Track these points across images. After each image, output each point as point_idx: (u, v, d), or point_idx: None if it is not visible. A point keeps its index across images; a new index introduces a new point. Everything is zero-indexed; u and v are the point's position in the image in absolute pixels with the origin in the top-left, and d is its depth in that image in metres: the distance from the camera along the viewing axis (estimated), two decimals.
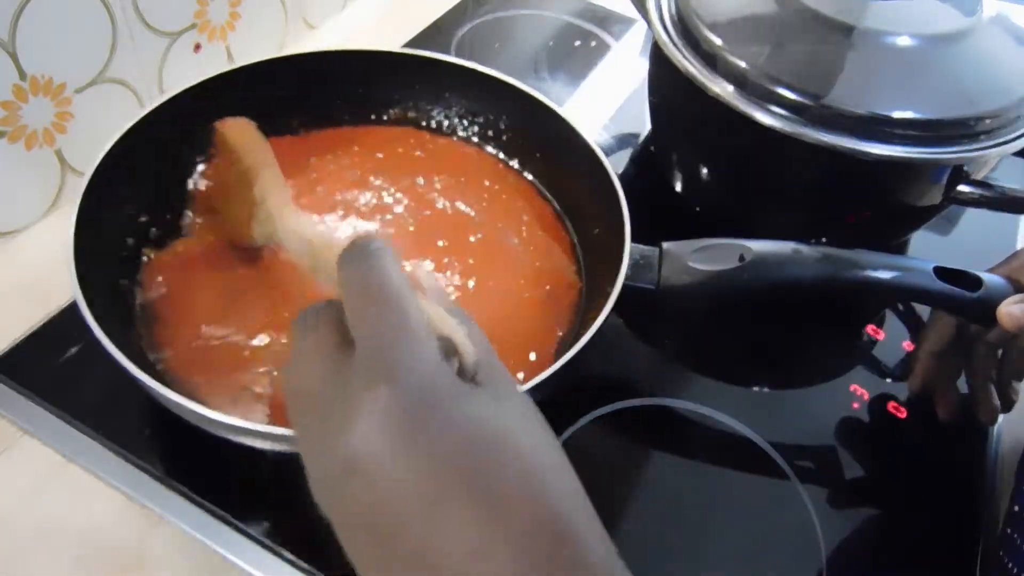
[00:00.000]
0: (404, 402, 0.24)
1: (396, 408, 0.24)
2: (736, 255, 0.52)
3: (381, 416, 0.24)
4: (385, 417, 0.24)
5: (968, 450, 0.56)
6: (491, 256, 0.55)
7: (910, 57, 0.53)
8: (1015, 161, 0.61)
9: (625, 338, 0.60)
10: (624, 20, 0.92)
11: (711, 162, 0.63)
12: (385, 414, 0.24)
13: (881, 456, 0.54)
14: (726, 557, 0.48)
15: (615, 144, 0.76)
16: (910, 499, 0.52)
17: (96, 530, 0.45)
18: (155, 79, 0.65)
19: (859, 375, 0.59)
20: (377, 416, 0.24)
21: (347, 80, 0.62)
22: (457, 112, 0.65)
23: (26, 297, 0.55)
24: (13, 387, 0.50)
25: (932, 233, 0.71)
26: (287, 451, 0.40)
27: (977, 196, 0.55)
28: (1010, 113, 0.53)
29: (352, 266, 0.27)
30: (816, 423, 0.56)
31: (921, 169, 0.53)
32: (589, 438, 0.52)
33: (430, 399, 0.25)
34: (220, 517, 0.46)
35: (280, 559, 0.45)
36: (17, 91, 0.54)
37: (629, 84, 0.83)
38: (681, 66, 0.56)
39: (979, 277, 0.52)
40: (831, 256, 0.53)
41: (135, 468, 0.47)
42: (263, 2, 0.74)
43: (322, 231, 0.38)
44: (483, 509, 0.24)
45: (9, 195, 0.58)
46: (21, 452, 0.48)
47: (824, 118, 0.52)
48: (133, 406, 0.49)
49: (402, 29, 0.84)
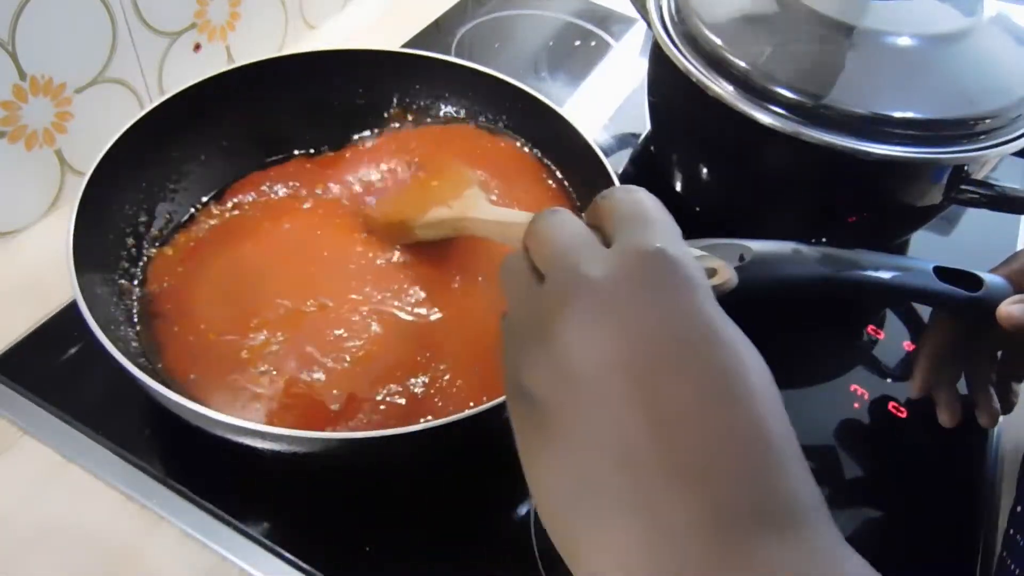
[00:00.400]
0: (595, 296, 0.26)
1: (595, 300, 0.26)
2: (736, 255, 0.51)
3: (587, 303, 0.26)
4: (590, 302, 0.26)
5: (968, 450, 0.56)
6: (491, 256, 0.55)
7: (910, 57, 0.53)
8: (1015, 161, 0.61)
9: None
10: (624, 20, 0.92)
11: (711, 162, 0.63)
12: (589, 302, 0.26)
13: (881, 456, 0.54)
14: None
15: (615, 144, 0.76)
16: (910, 499, 0.52)
17: (96, 530, 0.45)
18: (155, 79, 0.65)
19: (859, 375, 0.59)
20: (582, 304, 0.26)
21: (347, 80, 0.62)
22: (457, 111, 0.65)
23: (26, 297, 0.55)
24: (13, 387, 0.50)
25: (932, 233, 0.71)
26: (287, 451, 0.40)
27: (977, 196, 0.55)
28: (1010, 113, 0.52)
29: (540, 221, 0.30)
30: (816, 423, 0.56)
31: (921, 169, 0.53)
32: None
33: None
34: (220, 517, 0.46)
35: (280, 559, 0.45)
36: (17, 91, 0.54)
37: (629, 84, 0.83)
38: (681, 66, 0.56)
39: (979, 277, 0.52)
40: (831, 256, 0.52)
41: (135, 468, 0.47)
42: (263, 2, 0.74)
43: (509, 212, 0.47)
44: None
45: (9, 195, 0.58)
46: (21, 452, 0.48)
47: (824, 118, 0.52)
48: (133, 406, 0.49)
49: (402, 29, 0.84)
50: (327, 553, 0.45)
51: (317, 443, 0.39)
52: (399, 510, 0.47)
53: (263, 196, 0.57)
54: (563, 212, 0.30)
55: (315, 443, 0.39)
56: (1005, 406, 0.54)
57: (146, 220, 0.54)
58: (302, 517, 0.47)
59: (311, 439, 0.39)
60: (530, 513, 0.48)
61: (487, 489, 0.49)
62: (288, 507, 0.47)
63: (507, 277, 0.31)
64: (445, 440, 0.41)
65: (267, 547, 0.45)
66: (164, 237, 0.54)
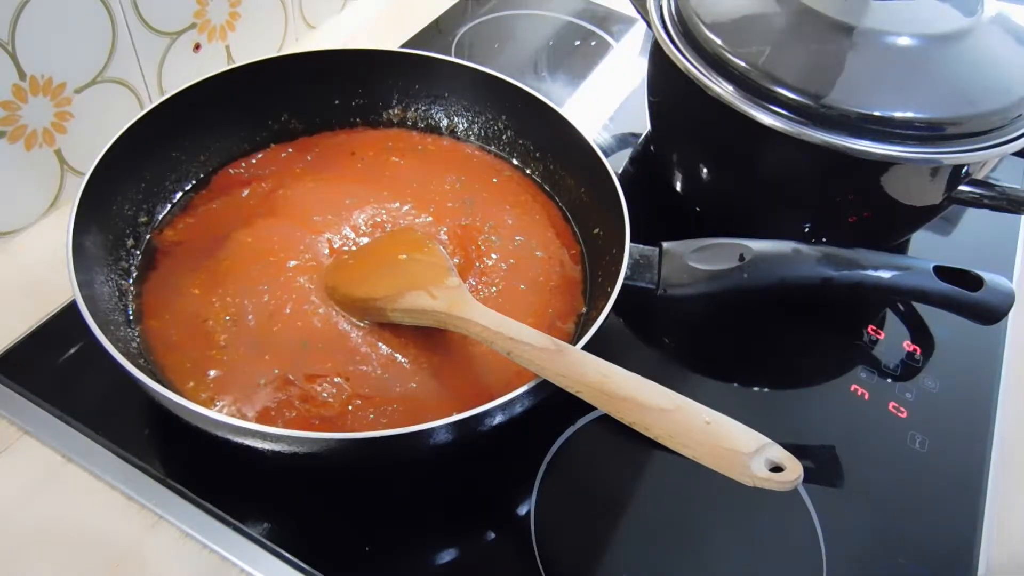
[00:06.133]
0: None
1: None
2: (736, 255, 0.52)
3: None
4: None
5: (968, 450, 0.56)
6: (490, 255, 0.55)
7: (910, 57, 0.53)
8: (1015, 161, 0.61)
9: (625, 338, 0.60)
10: (624, 20, 0.92)
11: (711, 162, 0.63)
12: None
13: (881, 456, 0.54)
14: (726, 557, 0.48)
15: (615, 144, 0.76)
16: (910, 499, 0.52)
17: (96, 530, 0.45)
18: (155, 79, 0.65)
19: (859, 375, 0.59)
20: None
21: (347, 80, 0.62)
22: (457, 111, 0.65)
23: (26, 297, 0.55)
24: (13, 387, 0.50)
25: (932, 233, 0.71)
26: (287, 451, 0.40)
27: (977, 196, 0.55)
28: (1010, 113, 0.52)
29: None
30: (816, 423, 0.56)
31: (921, 169, 0.53)
32: (589, 438, 0.52)
33: None
34: (220, 517, 0.46)
35: (279, 559, 0.45)
36: (17, 91, 0.54)
37: (629, 84, 0.83)
38: (681, 66, 0.56)
39: (980, 276, 0.52)
40: (831, 256, 0.53)
41: (135, 468, 0.47)
42: (263, 2, 0.74)
43: (511, 324, 0.44)
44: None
45: (9, 195, 0.58)
46: (21, 452, 0.48)
47: (824, 118, 0.52)
48: (132, 406, 0.49)
49: (401, 29, 0.84)
50: (327, 553, 0.45)
51: (317, 443, 0.39)
52: (399, 510, 0.47)
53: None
54: None
55: (315, 443, 0.39)
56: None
57: (146, 220, 0.54)
58: (302, 517, 0.47)
59: (311, 439, 0.39)
60: (530, 513, 0.48)
61: (487, 489, 0.49)
62: (288, 507, 0.47)
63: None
64: (444, 441, 0.41)
65: (267, 547, 0.45)
66: (164, 237, 0.54)
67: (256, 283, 0.50)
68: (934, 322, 0.63)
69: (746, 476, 0.36)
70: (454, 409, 0.42)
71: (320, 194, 0.57)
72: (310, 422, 0.45)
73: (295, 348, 0.48)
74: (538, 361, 0.41)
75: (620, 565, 0.46)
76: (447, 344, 0.49)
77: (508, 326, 0.43)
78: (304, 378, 0.46)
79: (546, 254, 0.57)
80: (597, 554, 0.47)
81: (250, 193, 0.57)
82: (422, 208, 0.57)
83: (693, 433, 0.37)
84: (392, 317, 0.48)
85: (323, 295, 0.50)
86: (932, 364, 0.61)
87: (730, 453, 0.36)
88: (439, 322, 0.46)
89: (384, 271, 0.50)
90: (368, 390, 0.46)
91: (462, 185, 0.60)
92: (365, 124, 0.64)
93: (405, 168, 0.61)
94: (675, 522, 0.49)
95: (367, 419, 0.45)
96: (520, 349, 0.42)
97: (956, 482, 0.54)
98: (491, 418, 0.41)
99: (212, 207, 0.56)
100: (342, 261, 0.53)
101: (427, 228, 0.56)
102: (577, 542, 0.47)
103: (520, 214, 0.59)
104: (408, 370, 0.48)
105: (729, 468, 0.36)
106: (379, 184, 0.59)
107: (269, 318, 0.49)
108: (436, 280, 0.47)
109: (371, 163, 0.61)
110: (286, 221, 0.55)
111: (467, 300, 0.46)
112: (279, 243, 0.53)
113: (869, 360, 0.60)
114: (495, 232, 0.57)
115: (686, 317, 0.62)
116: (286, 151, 0.61)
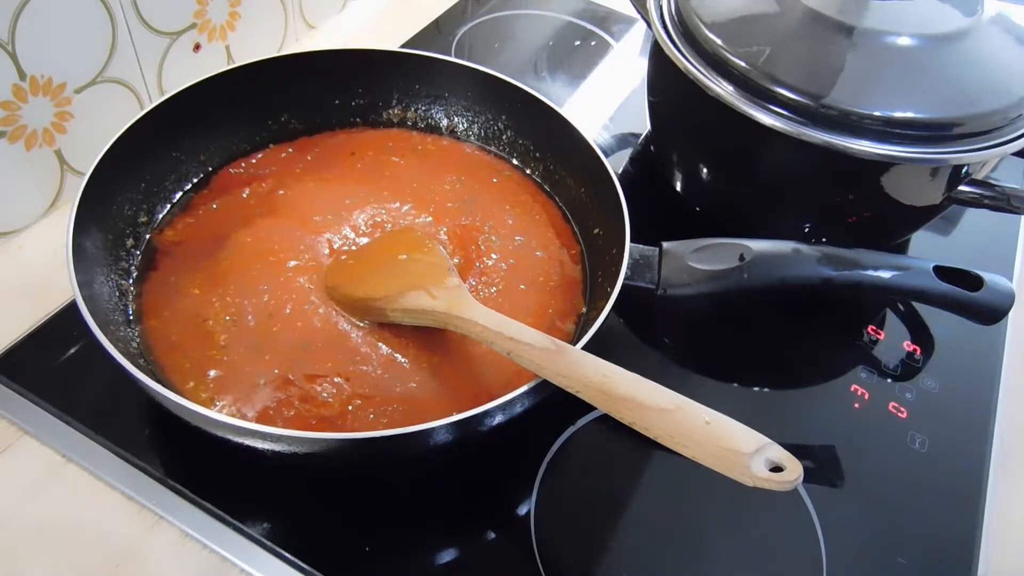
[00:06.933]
0: None
1: None
2: (736, 255, 0.52)
3: None
4: None
5: (968, 450, 0.56)
6: (490, 255, 0.55)
7: (910, 57, 0.53)
8: (1015, 161, 0.61)
9: (625, 338, 0.60)
10: (624, 20, 0.92)
11: (711, 162, 0.63)
12: None
13: (881, 456, 0.54)
14: (726, 557, 0.48)
15: (615, 144, 0.76)
16: (910, 499, 0.52)
17: (96, 530, 0.45)
18: (155, 79, 0.65)
19: (859, 375, 0.59)
20: None
21: (347, 80, 0.62)
22: (457, 111, 0.65)
23: (26, 297, 0.55)
24: (13, 387, 0.50)
25: (932, 233, 0.71)
26: (287, 451, 0.40)
27: (977, 196, 0.55)
28: (1010, 113, 0.52)
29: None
30: (816, 423, 0.56)
31: (921, 169, 0.53)
32: (589, 438, 0.52)
33: None
34: (220, 517, 0.46)
35: (279, 559, 0.45)
36: (17, 91, 0.54)
37: (629, 84, 0.83)
38: (681, 66, 0.56)
39: (980, 276, 0.52)
40: (831, 256, 0.53)
41: (135, 468, 0.47)
42: (263, 2, 0.74)
43: (512, 324, 0.44)
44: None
45: (9, 195, 0.58)
46: (21, 452, 0.48)
47: (824, 118, 0.52)
48: (132, 406, 0.49)
49: (401, 29, 0.84)
50: (327, 553, 0.45)
51: (317, 443, 0.39)
52: (399, 510, 0.47)
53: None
54: None
55: (315, 443, 0.39)
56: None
57: (146, 220, 0.54)
58: (302, 517, 0.47)
59: (311, 439, 0.39)
60: (530, 513, 0.48)
61: (487, 489, 0.49)
62: (288, 507, 0.47)
63: None
64: (444, 441, 0.41)
65: (267, 547, 0.45)
66: (164, 237, 0.54)
67: (256, 283, 0.51)
68: (934, 322, 0.63)
69: (746, 476, 0.36)
70: (454, 409, 0.42)
71: (320, 194, 0.57)
72: (310, 422, 0.45)
73: (295, 348, 0.48)
74: (538, 361, 0.41)
75: (620, 565, 0.46)
76: (447, 344, 0.49)
77: (508, 326, 0.43)
78: (304, 378, 0.46)
79: (546, 254, 0.57)
80: (597, 554, 0.47)
81: (250, 193, 0.57)
82: (422, 208, 0.58)
83: (693, 433, 0.37)
84: (392, 317, 0.48)
85: (323, 295, 0.50)
86: (932, 364, 0.61)
87: (730, 453, 0.36)
88: (439, 322, 0.46)
89: (384, 271, 0.50)
90: (368, 390, 0.46)
91: (462, 185, 0.60)
92: (365, 124, 0.64)
93: (405, 168, 0.61)
94: (675, 522, 0.49)
95: (367, 419, 0.45)
96: (520, 349, 0.42)
97: (956, 482, 0.54)
98: (491, 418, 0.41)
99: (212, 207, 0.56)
100: (342, 261, 0.52)
101: (427, 228, 0.56)
102: (577, 542, 0.47)
103: (520, 214, 0.59)
104: (408, 370, 0.48)
105: (729, 468, 0.36)
106: (379, 184, 0.59)
107: (269, 318, 0.49)
108: (436, 280, 0.47)
109: (371, 163, 0.61)
110: (286, 221, 0.55)
111: (467, 300, 0.46)
112: (279, 243, 0.53)
113: (869, 360, 0.60)
114: (495, 232, 0.57)
115: (686, 317, 0.62)
116: (286, 151, 0.61)
